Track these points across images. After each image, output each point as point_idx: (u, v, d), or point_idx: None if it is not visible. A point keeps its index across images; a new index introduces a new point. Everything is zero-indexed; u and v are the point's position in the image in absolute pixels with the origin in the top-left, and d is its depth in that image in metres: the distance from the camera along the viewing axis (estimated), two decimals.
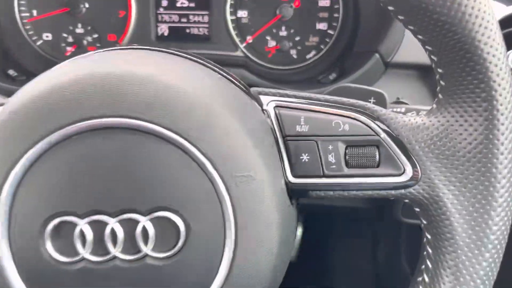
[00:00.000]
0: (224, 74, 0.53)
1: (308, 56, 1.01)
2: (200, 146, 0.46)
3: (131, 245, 0.46)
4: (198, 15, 1.01)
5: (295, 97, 0.54)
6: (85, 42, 1.00)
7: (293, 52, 1.01)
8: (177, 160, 0.46)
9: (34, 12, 0.98)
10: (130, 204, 0.46)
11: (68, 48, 1.01)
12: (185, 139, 0.46)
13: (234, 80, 0.53)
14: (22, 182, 0.46)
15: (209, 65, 0.53)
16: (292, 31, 1.00)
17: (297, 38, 1.01)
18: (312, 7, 0.99)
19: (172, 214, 0.46)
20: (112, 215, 0.46)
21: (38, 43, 0.99)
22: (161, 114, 0.46)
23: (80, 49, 1.00)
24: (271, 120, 0.52)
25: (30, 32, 0.99)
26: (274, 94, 0.54)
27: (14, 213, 0.46)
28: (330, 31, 1.00)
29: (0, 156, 0.46)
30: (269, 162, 0.49)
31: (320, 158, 0.52)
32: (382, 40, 0.85)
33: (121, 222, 0.46)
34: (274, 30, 1.01)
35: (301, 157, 0.52)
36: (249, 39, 1.01)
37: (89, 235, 0.46)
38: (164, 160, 0.46)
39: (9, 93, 0.88)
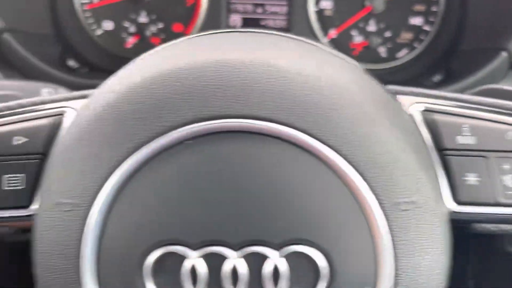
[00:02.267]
0: (357, 65, 0.42)
1: (398, 55, 0.89)
2: (355, 163, 0.34)
3: None
4: (276, 5, 0.89)
5: (446, 98, 0.42)
6: (148, 32, 0.90)
7: (381, 49, 0.89)
8: (320, 178, 0.35)
9: None
10: (258, 235, 0.35)
11: (129, 39, 0.90)
12: (336, 151, 0.34)
13: (367, 74, 0.42)
14: (114, 203, 0.35)
15: (340, 56, 0.42)
16: (382, 26, 0.88)
17: (388, 34, 0.88)
18: None
19: (311, 250, 0.35)
20: (234, 247, 0.35)
21: (97, 33, 0.89)
22: (297, 114, 0.34)
23: (142, 40, 0.90)
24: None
25: (89, 21, 0.89)
26: (417, 94, 0.42)
27: (105, 241, 0.35)
28: (426, 27, 0.87)
29: (87, 170, 0.35)
30: (431, 184, 0.37)
31: (493, 180, 0.39)
32: (510, 35, 0.71)
33: (245, 257, 0.35)
34: (362, 24, 0.89)
35: (465, 178, 0.40)
36: (333, 33, 0.89)
37: (203, 271, 0.35)
38: (302, 177, 0.35)
39: (71, 86, 0.78)
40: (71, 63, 0.83)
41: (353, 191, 0.35)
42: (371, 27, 0.88)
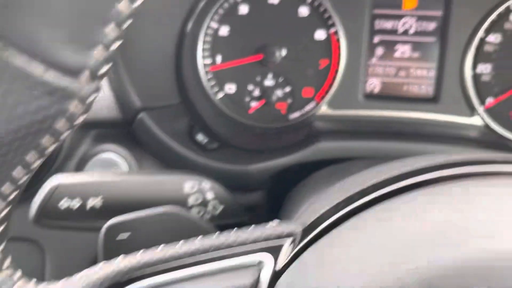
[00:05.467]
0: None
1: None
2: None
3: None
4: (423, 68, 0.78)
5: None
6: (274, 97, 0.80)
7: None
8: None
9: (218, 59, 0.80)
10: None
11: (253, 104, 0.81)
12: None
13: None
14: None
15: None
16: None
17: None
18: None
19: None
20: None
21: (218, 96, 0.81)
22: None
23: (267, 105, 0.80)
24: None
25: (212, 83, 0.80)
26: None
27: None
28: None
29: None
30: None
31: None
32: None
33: None
34: None
35: None
36: (491, 102, 0.76)
37: None
38: None
39: (205, 169, 0.69)
40: (200, 137, 0.74)
41: None
42: None
